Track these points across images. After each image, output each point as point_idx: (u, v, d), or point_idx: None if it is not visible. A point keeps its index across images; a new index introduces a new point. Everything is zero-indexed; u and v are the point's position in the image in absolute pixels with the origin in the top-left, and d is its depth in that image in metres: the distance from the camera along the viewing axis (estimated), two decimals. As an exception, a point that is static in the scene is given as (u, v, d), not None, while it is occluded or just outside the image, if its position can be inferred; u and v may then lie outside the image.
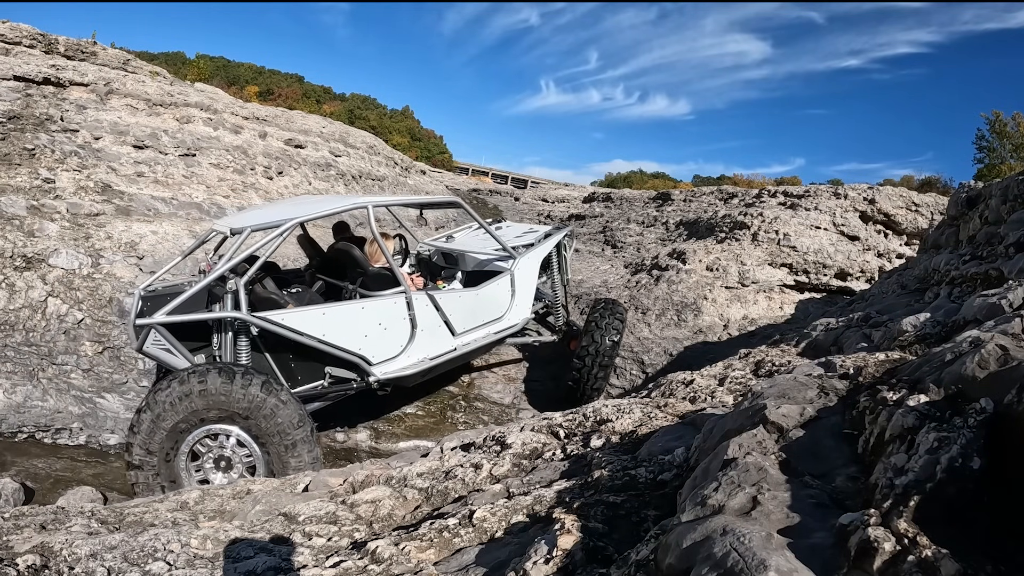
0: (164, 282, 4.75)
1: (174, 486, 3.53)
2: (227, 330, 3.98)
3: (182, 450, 3.62)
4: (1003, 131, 23.13)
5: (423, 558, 1.62)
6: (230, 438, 3.67)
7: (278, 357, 4.22)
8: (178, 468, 3.62)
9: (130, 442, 3.57)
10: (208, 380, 3.57)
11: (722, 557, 0.89)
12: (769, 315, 7.34)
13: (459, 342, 4.87)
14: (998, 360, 1.09)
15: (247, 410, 3.61)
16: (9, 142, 7.46)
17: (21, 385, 5.35)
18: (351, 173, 12.66)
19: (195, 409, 3.57)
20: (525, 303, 5.41)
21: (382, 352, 4.39)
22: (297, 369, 4.29)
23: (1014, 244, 2.99)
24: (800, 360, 2.96)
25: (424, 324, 4.57)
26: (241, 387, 3.59)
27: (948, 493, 0.86)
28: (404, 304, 4.49)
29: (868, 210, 8.25)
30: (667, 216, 11.53)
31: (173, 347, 3.88)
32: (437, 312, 4.70)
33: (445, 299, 4.78)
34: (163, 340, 3.85)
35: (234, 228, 4.11)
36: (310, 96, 48.15)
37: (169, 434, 3.57)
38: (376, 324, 4.36)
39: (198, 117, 10.10)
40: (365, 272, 4.69)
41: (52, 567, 1.80)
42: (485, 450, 2.55)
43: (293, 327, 4.00)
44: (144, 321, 3.79)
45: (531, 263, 5.50)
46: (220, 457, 3.70)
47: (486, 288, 5.10)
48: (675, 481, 1.61)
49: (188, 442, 3.62)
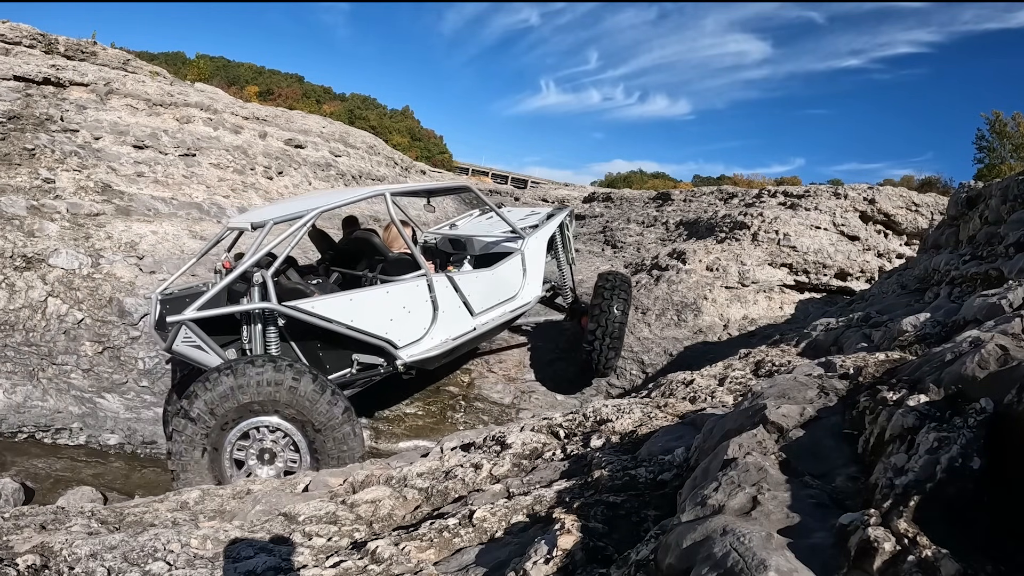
0: (179, 285, 4.78)
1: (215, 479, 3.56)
2: (256, 323, 4.02)
3: (229, 442, 3.64)
4: (1003, 131, 23.14)
5: (423, 558, 1.62)
6: (275, 431, 3.69)
7: (305, 347, 4.28)
8: (223, 461, 3.65)
9: (176, 434, 3.55)
10: (263, 372, 3.59)
11: (722, 557, 0.89)
12: (769, 315, 7.34)
13: (478, 322, 4.96)
14: (998, 360, 1.09)
15: (298, 403, 3.63)
16: (9, 142, 7.46)
17: (21, 385, 5.35)
18: (351, 173, 12.66)
19: (246, 402, 3.59)
20: (536, 281, 5.55)
21: (407, 335, 4.45)
22: (325, 358, 4.34)
23: (1014, 244, 2.99)
24: (800, 360, 2.96)
25: (445, 305, 4.64)
26: (293, 380, 3.62)
27: (948, 493, 0.86)
28: (426, 287, 4.55)
29: (868, 210, 8.25)
30: (667, 216, 11.53)
31: (204, 343, 3.91)
32: (456, 293, 4.77)
33: (463, 280, 4.86)
34: (194, 337, 3.87)
35: (255, 222, 4.15)
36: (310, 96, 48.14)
37: (218, 427, 3.59)
38: (401, 307, 4.42)
39: (198, 117, 10.11)
40: (385, 258, 4.77)
41: (52, 567, 1.80)
42: (485, 450, 2.55)
43: (323, 314, 4.04)
44: (176, 318, 3.81)
45: (539, 242, 5.62)
46: (264, 450, 3.72)
47: (500, 268, 5.21)
48: (675, 481, 1.61)
49: (236, 435, 3.65)
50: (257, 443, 3.70)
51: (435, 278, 4.62)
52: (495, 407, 6.00)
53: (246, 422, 3.64)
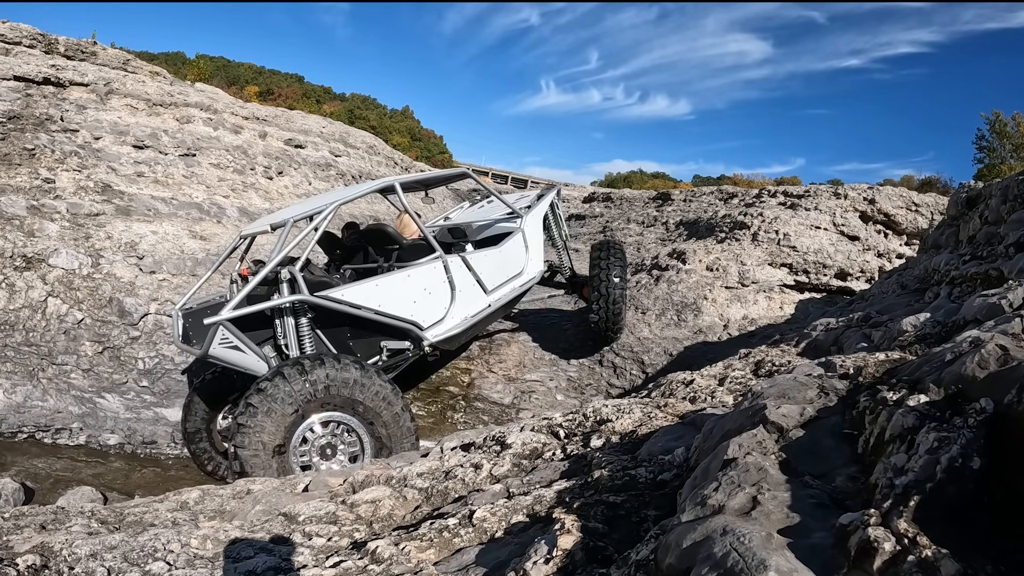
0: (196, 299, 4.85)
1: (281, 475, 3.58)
2: (288, 316, 4.13)
3: (297, 438, 3.70)
4: (1003, 131, 23.12)
5: (423, 558, 1.62)
6: (339, 425, 3.78)
7: (334, 338, 4.39)
8: (290, 458, 3.70)
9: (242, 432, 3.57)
10: (332, 369, 3.69)
11: (722, 557, 0.89)
12: (769, 315, 7.34)
13: (491, 299, 5.16)
14: (998, 360, 1.09)
15: (365, 398, 3.74)
16: (9, 142, 7.46)
17: (21, 385, 5.35)
18: (351, 173, 12.66)
19: (314, 398, 3.67)
20: (538, 257, 5.86)
21: (430, 316, 4.61)
22: (356, 346, 4.47)
23: (1014, 244, 2.99)
24: (800, 360, 2.96)
25: (461, 285, 4.83)
26: (361, 376, 3.74)
27: (948, 493, 0.86)
28: (442, 268, 4.72)
29: (868, 210, 8.25)
30: (667, 216, 11.53)
31: (242, 343, 3.96)
32: (470, 272, 4.97)
33: (475, 259, 5.07)
34: (232, 338, 3.92)
35: (274, 224, 4.27)
36: (310, 96, 48.11)
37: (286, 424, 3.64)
38: (422, 290, 4.58)
39: (198, 117, 10.10)
40: (400, 245, 4.94)
41: (52, 567, 1.79)
42: (485, 450, 2.55)
43: (354, 302, 4.17)
44: (213, 319, 3.86)
45: (536, 220, 5.91)
46: (326, 444, 3.77)
47: (505, 245, 5.44)
48: (675, 481, 1.61)
49: (302, 430, 3.71)
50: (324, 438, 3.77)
51: (450, 259, 4.78)
52: (495, 407, 6.00)
53: (313, 418, 3.72)
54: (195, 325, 4.30)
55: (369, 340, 4.48)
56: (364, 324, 4.31)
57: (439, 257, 4.72)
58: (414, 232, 5.10)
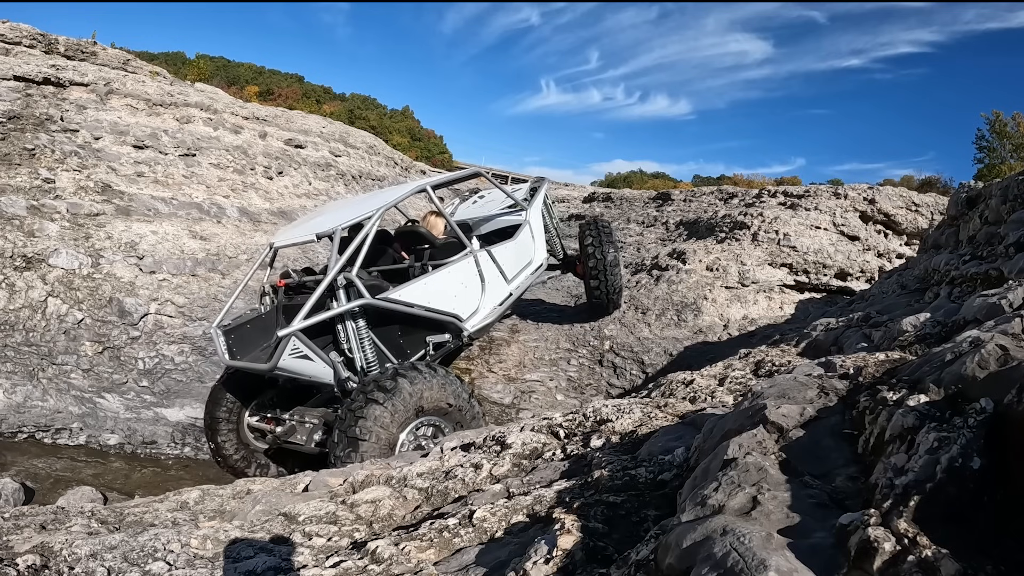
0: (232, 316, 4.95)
1: None
2: (350, 321, 4.28)
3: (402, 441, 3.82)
4: (1003, 131, 23.09)
5: (423, 558, 1.62)
6: (432, 428, 3.93)
7: (385, 337, 4.56)
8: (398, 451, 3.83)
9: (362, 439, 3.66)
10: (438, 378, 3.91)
11: (722, 557, 0.89)
12: (769, 315, 7.34)
13: (512, 287, 5.51)
14: (998, 360, 1.09)
15: (457, 403, 3.97)
16: (9, 142, 7.46)
17: (21, 385, 5.35)
18: (351, 173, 12.66)
19: (420, 405, 3.83)
20: (543, 244, 6.24)
21: (467, 308, 4.95)
22: (407, 343, 4.71)
23: (1014, 244, 2.99)
24: (800, 360, 2.96)
25: (489, 276, 5.18)
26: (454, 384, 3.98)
27: (948, 493, 0.86)
28: (473, 262, 5.05)
29: (868, 210, 8.25)
30: (667, 216, 11.54)
31: (312, 352, 4.07)
32: (494, 264, 5.30)
33: (497, 251, 5.40)
34: (302, 348, 4.03)
35: (320, 233, 4.39)
36: (310, 96, 48.06)
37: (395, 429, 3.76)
38: (460, 284, 4.92)
39: (198, 117, 10.10)
40: (433, 244, 5.18)
41: (52, 567, 1.79)
42: (485, 450, 2.55)
43: (410, 301, 4.45)
44: (285, 331, 3.96)
45: (537, 211, 6.25)
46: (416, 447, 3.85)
47: (519, 237, 5.77)
48: (675, 481, 1.61)
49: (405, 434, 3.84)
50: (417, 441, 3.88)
51: (479, 253, 5.11)
52: (495, 407, 6.00)
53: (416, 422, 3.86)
54: (237, 341, 4.44)
55: (416, 336, 4.74)
56: (412, 321, 4.57)
57: (470, 252, 5.02)
58: (441, 231, 5.39)
